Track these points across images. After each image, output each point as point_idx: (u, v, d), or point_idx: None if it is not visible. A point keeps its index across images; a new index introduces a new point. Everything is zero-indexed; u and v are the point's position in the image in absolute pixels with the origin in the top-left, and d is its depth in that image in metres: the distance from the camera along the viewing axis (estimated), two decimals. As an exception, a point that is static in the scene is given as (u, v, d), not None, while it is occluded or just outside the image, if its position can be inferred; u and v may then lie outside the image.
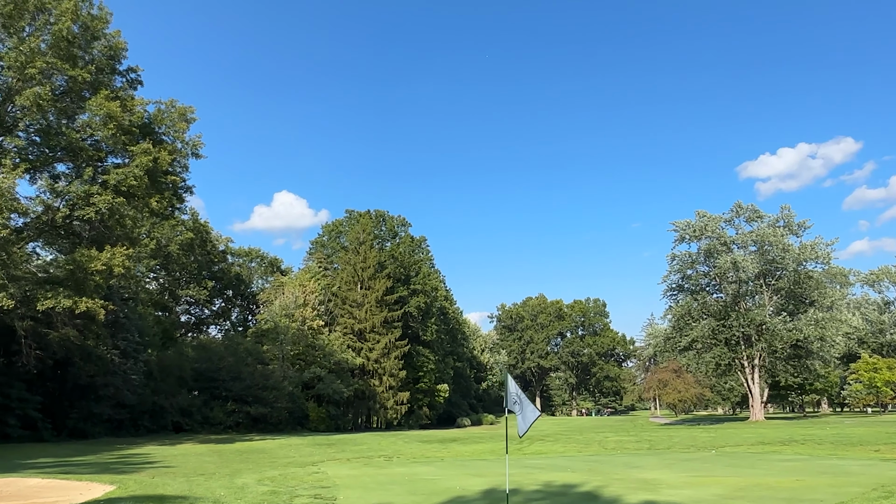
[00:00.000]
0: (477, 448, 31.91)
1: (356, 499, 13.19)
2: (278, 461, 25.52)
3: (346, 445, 35.13)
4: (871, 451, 24.20)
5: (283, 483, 16.45)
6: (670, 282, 60.70)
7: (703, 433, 39.96)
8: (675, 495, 12.85)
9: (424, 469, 20.76)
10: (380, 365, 64.84)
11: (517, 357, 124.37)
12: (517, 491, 14.43)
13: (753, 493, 13.10)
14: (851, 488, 13.28)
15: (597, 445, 32.00)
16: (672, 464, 20.87)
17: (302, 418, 56.94)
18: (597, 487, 14.56)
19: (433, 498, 13.13)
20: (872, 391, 61.44)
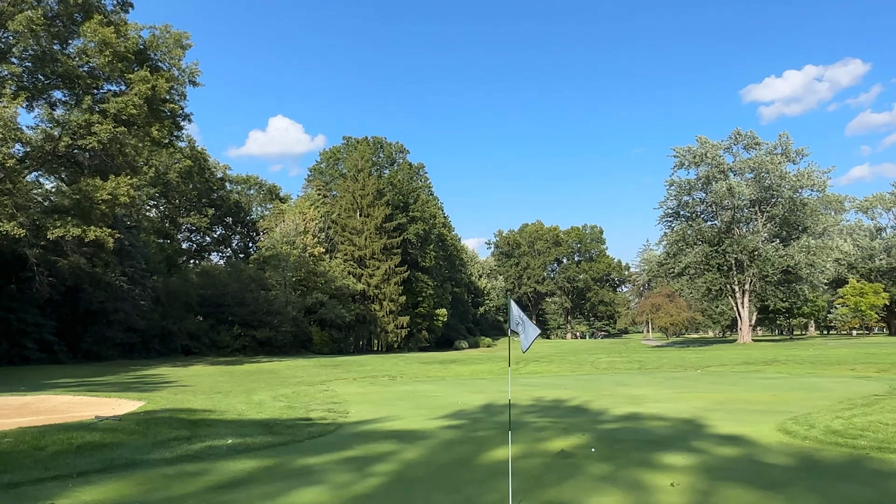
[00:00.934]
0: (475, 368, 33.56)
1: (366, 412, 14.39)
2: (288, 381, 27.02)
3: (350, 366, 36.83)
4: (847, 370, 25.68)
5: (296, 399, 17.72)
6: (667, 208, 61.50)
7: (692, 354, 41.80)
8: (657, 408, 14.04)
9: (427, 387, 22.14)
10: (380, 290, 66.45)
11: (514, 282, 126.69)
12: (513, 405, 15.66)
13: (730, 405, 14.30)
14: (820, 402, 14.48)
15: (589, 366, 33.64)
16: (659, 382, 22.26)
17: (306, 341, 59.00)
18: (586, 402, 15.80)
19: (437, 411, 14.33)
20: (857, 315, 63.48)
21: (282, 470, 7.55)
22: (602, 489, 6.54)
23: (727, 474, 7.08)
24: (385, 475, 7.31)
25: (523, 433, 10.57)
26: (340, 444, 9.63)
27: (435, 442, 9.71)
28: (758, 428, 10.71)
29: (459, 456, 8.53)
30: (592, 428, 11.10)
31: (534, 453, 8.57)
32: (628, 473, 7.25)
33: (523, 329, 5.80)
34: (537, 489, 6.61)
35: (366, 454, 8.67)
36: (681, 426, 11.15)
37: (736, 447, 8.87)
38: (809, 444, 8.97)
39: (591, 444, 9.24)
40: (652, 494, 6.30)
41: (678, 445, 9.11)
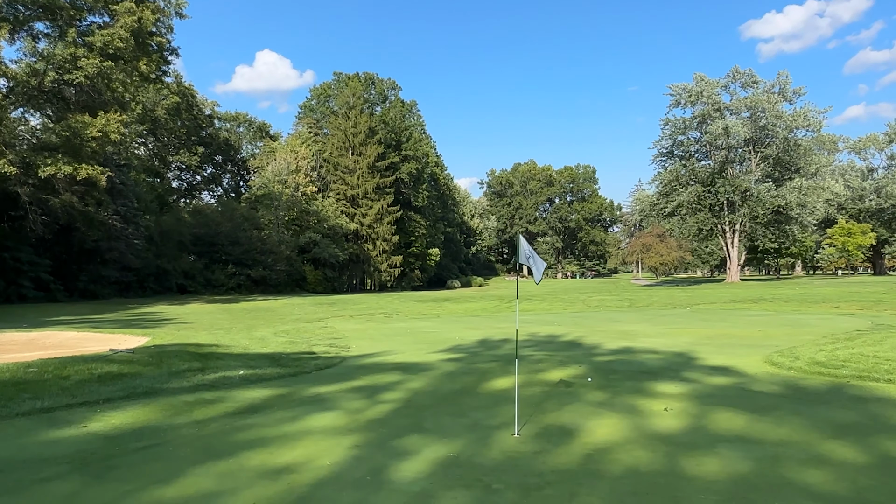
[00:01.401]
0: (469, 306, 34.22)
1: (367, 347, 14.84)
2: (286, 318, 27.53)
3: (346, 305, 37.42)
4: (832, 307, 26.47)
5: (297, 335, 18.18)
6: (661, 147, 61.30)
7: (681, 293, 42.69)
8: (649, 343, 14.57)
9: (423, 324, 22.68)
10: (373, 230, 66.64)
11: (506, 222, 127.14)
12: (509, 340, 16.18)
13: (719, 340, 14.86)
14: (805, 336, 15.06)
15: (581, 304, 34.38)
16: (649, 318, 22.91)
17: (300, 280, 59.54)
18: (579, 337, 16.33)
19: (436, 346, 14.80)
20: (844, 255, 64.56)
21: (295, 398, 7.94)
22: (600, 413, 6.96)
23: (717, 400, 7.52)
24: (394, 402, 7.71)
25: (522, 365, 11.02)
26: (347, 375, 10.04)
27: (438, 373, 10.13)
28: (745, 360, 11.21)
29: (462, 385, 8.95)
30: (588, 360, 11.57)
31: (533, 383, 9.00)
32: (624, 400, 7.68)
33: (534, 262, 6.04)
34: (539, 414, 7.02)
35: (373, 384, 9.07)
36: (672, 359, 11.64)
37: (725, 377, 9.34)
38: (794, 373, 9.45)
39: (588, 375, 9.69)
40: (646, 418, 6.72)
41: (670, 375, 9.57)
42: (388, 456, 5.38)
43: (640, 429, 6.26)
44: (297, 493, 4.51)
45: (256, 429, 6.31)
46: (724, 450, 5.47)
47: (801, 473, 4.84)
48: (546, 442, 5.84)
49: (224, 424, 6.47)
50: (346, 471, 5.01)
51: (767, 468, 4.97)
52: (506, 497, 4.42)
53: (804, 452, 5.35)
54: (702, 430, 6.18)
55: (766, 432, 5.99)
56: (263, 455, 5.41)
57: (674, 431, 6.14)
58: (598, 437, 5.96)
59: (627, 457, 5.34)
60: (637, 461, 5.22)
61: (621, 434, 6.08)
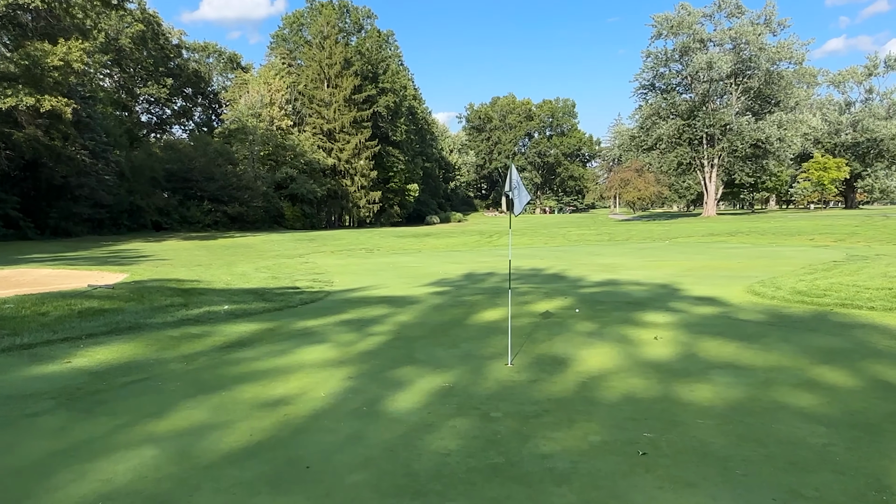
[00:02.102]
0: (450, 241, 34.21)
1: (351, 282, 14.75)
2: (266, 254, 27.27)
3: (325, 241, 37.16)
4: (807, 240, 26.95)
5: (279, 271, 18.00)
6: (643, 79, 60.48)
7: (659, 227, 43.12)
8: (632, 275, 14.69)
9: (405, 259, 22.62)
10: (351, 165, 65.57)
11: (485, 157, 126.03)
12: (493, 273, 16.22)
13: (699, 272, 15.03)
14: (783, 267, 15.31)
15: (561, 238, 34.56)
16: (629, 252, 23.11)
17: (277, 217, 58.83)
18: (563, 270, 16.42)
19: (420, 280, 14.77)
20: (818, 189, 65.41)
21: (283, 331, 7.84)
22: (590, 343, 6.99)
23: (705, 329, 7.60)
24: (384, 334, 7.66)
25: (505, 297, 11.03)
26: (334, 308, 9.95)
27: (425, 306, 10.10)
28: (728, 290, 11.36)
29: (451, 317, 8.93)
30: (573, 292, 11.62)
31: (521, 314, 9.01)
32: (613, 330, 7.72)
33: (518, 193, 5.90)
34: (530, 344, 7.03)
35: (361, 317, 9.00)
36: (656, 290, 11.75)
37: (710, 306, 9.45)
38: (777, 302, 9.60)
39: (575, 306, 9.73)
40: (637, 347, 6.77)
41: (656, 306, 9.65)
42: (383, 387, 5.34)
43: (632, 357, 6.31)
44: (293, 424, 4.45)
45: (247, 362, 6.22)
46: (717, 376, 5.53)
47: (793, 397, 4.91)
48: (540, 371, 5.84)
49: (213, 358, 6.37)
50: (342, 402, 4.96)
51: (761, 393, 5.03)
52: (505, 424, 4.41)
53: (795, 377, 5.43)
54: (693, 357, 6.24)
55: (756, 359, 6.07)
56: (256, 388, 5.33)
57: (666, 359, 6.19)
58: (592, 366, 5.99)
59: (622, 384, 5.37)
60: (632, 388, 5.25)
61: (614, 362, 6.11)
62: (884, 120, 68.01)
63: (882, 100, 72.42)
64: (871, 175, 71.12)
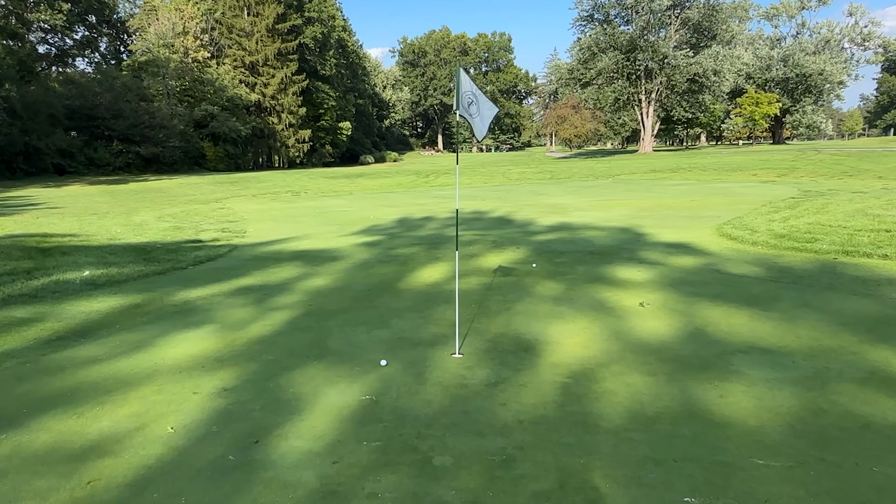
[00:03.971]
0: (384, 182, 32.05)
1: (267, 232, 12.66)
2: (178, 199, 24.45)
3: (249, 183, 34.25)
4: (750, 175, 26.32)
5: (185, 219, 15.63)
6: (581, 10, 58.33)
7: (599, 164, 42.15)
8: (585, 217, 13.23)
9: (334, 202, 20.50)
10: (277, 101, 61.25)
11: (420, 94, 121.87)
12: (431, 218, 14.44)
13: (655, 212, 13.73)
14: (741, 206, 14.19)
15: (501, 177, 32.95)
16: (575, 191, 21.73)
17: (198, 158, 54.54)
18: (509, 213, 14.80)
19: (348, 227, 12.84)
20: (750, 124, 66.05)
21: (152, 308, 5.85)
22: (561, 315, 5.36)
23: (697, 289, 6.11)
24: (290, 308, 5.80)
25: (450, 248, 9.31)
26: (234, 269, 7.96)
27: (349, 264, 8.25)
28: (697, 234, 10.02)
29: (381, 279, 7.13)
30: (525, 240, 10.00)
31: (468, 272, 7.31)
32: (584, 293, 6.13)
33: (478, 110, 4.03)
34: (483, 318, 5.35)
35: (266, 282, 7.09)
36: (618, 235, 10.27)
37: (688, 255, 8.01)
38: (762, 249, 8.26)
39: (531, 259, 8.11)
40: (622, 319, 5.19)
41: (625, 256, 8.15)
42: (270, 408, 3.54)
43: (620, 337, 4.72)
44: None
45: (74, 368, 4.25)
46: (745, 367, 4.00)
47: (871, 404, 3.41)
48: (501, 366, 4.17)
49: (24, 362, 4.36)
50: (198, 445, 3.14)
51: (820, 398, 3.52)
52: (458, 484, 2.73)
53: (854, 368, 3.95)
54: (701, 335, 4.71)
55: (786, 337, 4.58)
56: (67, 421, 3.42)
57: (666, 339, 4.63)
58: (571, 355, 4.36)
59: (620, 387, 3.77)
60: (636, 394, 3.65)
61: (599, 347, 4.50)
62: (812, 55, 68.78)
63: (812, 35, 73.10)
64: (799, 110, 72.41)
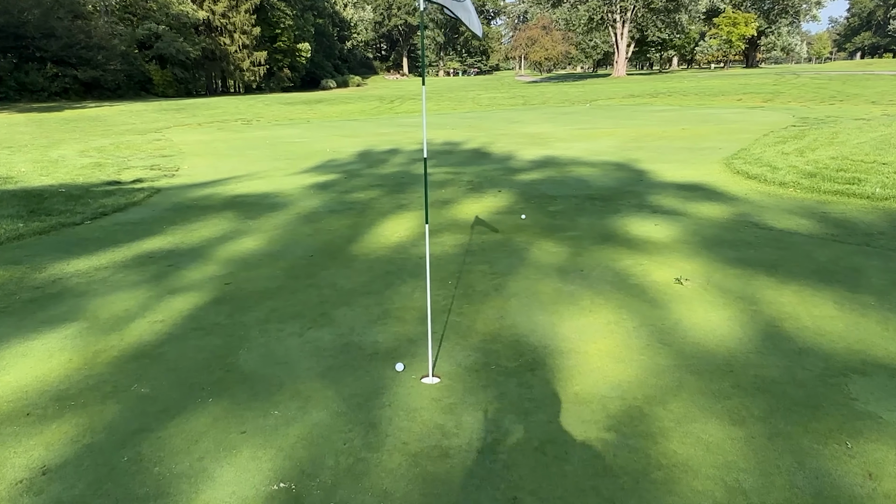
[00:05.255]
0: (346, 108, 29.70)
1: (204, 169, 10.81)
2: (115, 129, 21.96)
3: (197, 110, 31.48)
4: (734, 100, 24.85)
5: (112, 154, 13.57)
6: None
7: (573, 89, 40.09)
8: (570, 149, 11.66)
9: (289, 132, 18.44)
10: (228, 20, 56.70)
11: (383, 13, 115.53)
12: (398, 151, 12.70)
13: (648, 143, 12.23)
14: (740, 135, 12.79)
15: (470, 103, 30.85)
16: (552, 118, 20.01)
17: (144, 83, 50.54)
18: (484, 144, 13.12)
19: (301, 163, 11.06)
20: (725, 46, 64.02)
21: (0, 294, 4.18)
22: (573, 298, 3.90)
23: (743, 255, 4.69)
24: (199, 291, 4.20)
25: (418, 191, 7.70)
26: (143, 225, 6.26)
27: (292, 215, 6.60)
28: (705, 170, 8.59)
29: (328, 240, 5.54)
30: (507, 180, 8.43)
31: (441, 228, 5.77)
32: (595, 259, 4.66)
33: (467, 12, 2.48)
34: (466, 304, 3.86)
35: (178, 245, 5.43)
36: (615, 173, 8.76)
37: (708, 201, 6.57)
38: (797, 192, 6.86)
39: (518, 208, 6.57)
40: (660, 306, 3.75)
41: (632, 202, 6.68)
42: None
43: (665, 341, 3.28)
44: None
45: None
46: (878, 404, 2.61)
47: None
48: (498, 403, 2.70)
49: None
50: None
51: None
52: None
53: None
54: (782, 340, 3.30)
55: (907, 340, 3.20)
56: None
57: (734, 347, 3.21)
58: (601, 377, 2.91)
59: (698, 454, 2.34)
60: (733, 474, 2.23)
61: (639, 362, 3.06)
62: (791, -28, 66.30)
63: (791, -50, 70.20)
64: (774, 32, 70.44)
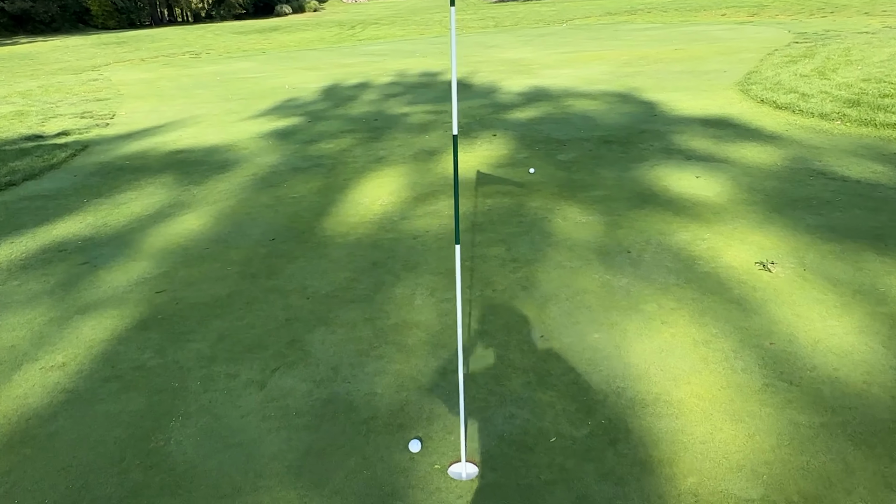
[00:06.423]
0: (304, 37, 27.46)
1: (144, 114, 9.35)
2: (44, 69, 19.75)
3: (141, 43, 28.89)
4: (718, 15, 23.45)
5: (39, 99, 11.90)
6: None
7: (545, 8, 37.93)
8: (559, 77, 10.42)
9: (242, 66, 16.68)
10: (168, -59, 52.00)
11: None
12: (366, 85, 11.29)
13: (644, 67, 11.04)
14: (742, 55, 11.67)
15: (438, 26, 28.80)
16: (530, 41, 18.51)
17: (82, 14, 46.55)
18: (464, 75, 11.77)
19: (256, 104, 9.64)
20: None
21: None
22: (634, 302, 2.91)
23: (833, 222, 3.71)
24: (117, 307, 3.08)
25: (397, 137, 6.50)
26: (58, 201, 5.00)
27: (247, 177, 5.39)
28: (723, 99, 7.52)
29: (294, 212, 4.39)
30: (500, 120, 7.24)
31: (432, 187, 4.65)
32: (640, 233, 3.64)
33: None
34: (490, 316, 2.85)
35: (98, 229, 4.23)
36: (621, 107, 7.62)
37: (749, 142, 5.53)
38: (849, 128, 5.85)
39: (521, 157, 5.45)
40: (756, 313, 2.78)
41: (656, 145, 5.61)
42: None
43: (783, 372, 2.31)
44: None
45: None
46: None
47: None
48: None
49: None
50: None
51: None
52: None
53: None
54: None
55: None
56: None
57: (886, 376, 2.25)
58: (724, 456, 1.94)
59: None
60: None
61: (765, 415, 2.10)
62: None
63: None
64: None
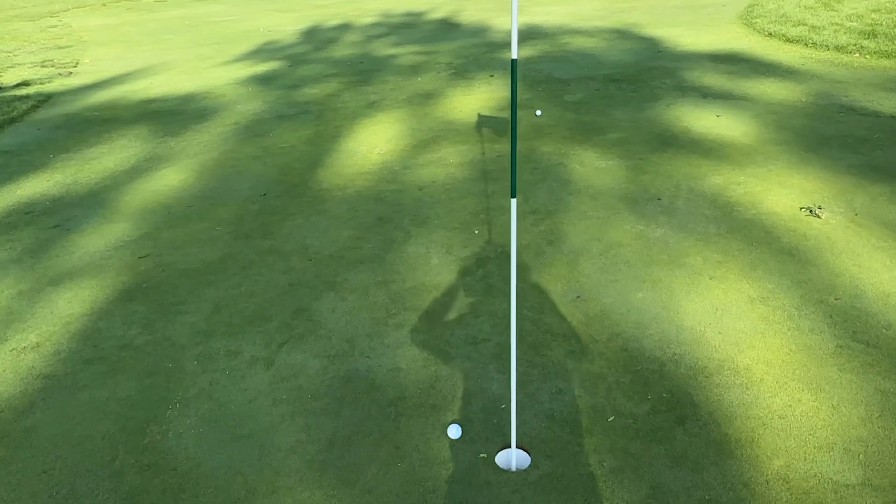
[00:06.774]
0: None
1: (111, 61, 8.72)
2: (1, 14, 18.54)
3: (102, -14, 27.20)
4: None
5: (-6, 47, 11.09)
6: None
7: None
8: (552, 14, 9.90)
9: (213, 8, 15.72)
10: None
11: None
12: (347, 26, 10.65)
13: (636, 2, 10.52)
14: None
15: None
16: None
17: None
18: (451, 12, 11.16)
19: (230, 48, 9.03)
20: None
21: None
22: (675, 255, 2.65)
23: (876, 161, 3.45)
24: (97, 275, 2.77)
25: (386, 80, 6.05)
26: (21, 157, 4.57)
27: (228, 126, 4.96)
28: (728, 33, 7.12)
29: (285, 163, 4.02)
30: (495, 59, 6.79)
31: (434, 133, 4.29)
32: (669, 178, 3.35)
33: None
34: (519, 277, 2.53)
35: (69, 188, 3.85)
36: (622, 44, 7.19)
37: (768, 77, 5.19)
38: (871, 60, 5.56)
39: (527, 100, 5.08)
40: (813, 264, 2.55)
41: (668, 83, 5.26)
42: None
43: (857, 332, 2.09)
44: None
45: None
46: None
47: None
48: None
49: None
50: None
51: None
52: None
53: None
54: None
55: None
56: None
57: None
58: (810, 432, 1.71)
59: None
60: None
61: (847, 382, 1.87)
62: None
63: None
64: None
